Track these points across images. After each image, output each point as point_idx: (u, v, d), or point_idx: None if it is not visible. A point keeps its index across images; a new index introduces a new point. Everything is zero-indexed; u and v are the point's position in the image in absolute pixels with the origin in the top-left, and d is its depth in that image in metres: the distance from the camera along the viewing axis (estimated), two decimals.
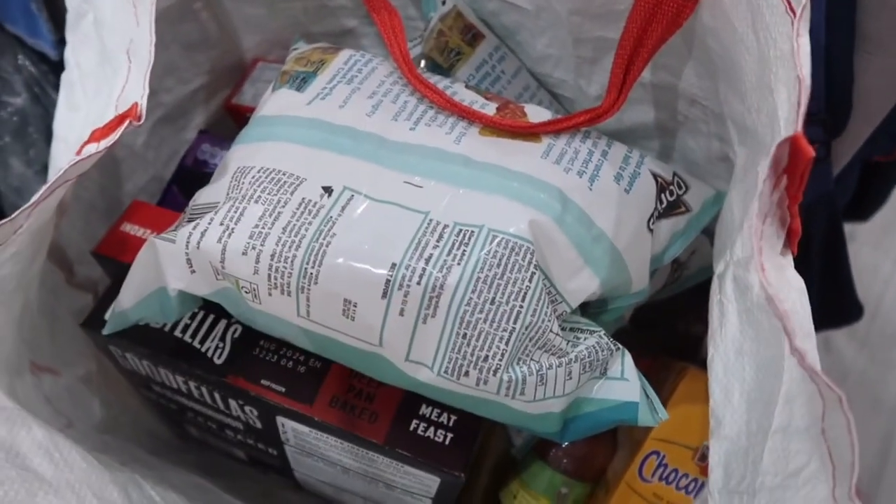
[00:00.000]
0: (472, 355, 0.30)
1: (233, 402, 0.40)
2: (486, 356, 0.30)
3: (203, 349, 0.39)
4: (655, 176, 0.36)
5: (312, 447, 0.40)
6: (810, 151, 0.23)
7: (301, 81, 0.38)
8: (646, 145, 0.47)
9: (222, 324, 0.39)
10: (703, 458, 0.43)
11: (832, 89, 0.41)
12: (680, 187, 0.36)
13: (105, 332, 0.36)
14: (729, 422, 0.32)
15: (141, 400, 0.49)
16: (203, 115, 0.54)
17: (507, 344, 0.30)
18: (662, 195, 0.35)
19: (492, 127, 0.35)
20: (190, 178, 0.51)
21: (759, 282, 0.26)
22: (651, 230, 0.35)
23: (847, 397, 0.20)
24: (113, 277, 0.43)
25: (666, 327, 0.54)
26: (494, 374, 0.30)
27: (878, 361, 0.87)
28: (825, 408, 0.22)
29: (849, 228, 0.52)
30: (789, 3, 0.27)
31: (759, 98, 0.31)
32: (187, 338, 0.39)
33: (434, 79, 0.38)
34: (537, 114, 0.36)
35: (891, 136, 0.46)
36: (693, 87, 0.40)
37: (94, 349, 0.44)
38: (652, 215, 0.35)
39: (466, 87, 0.38)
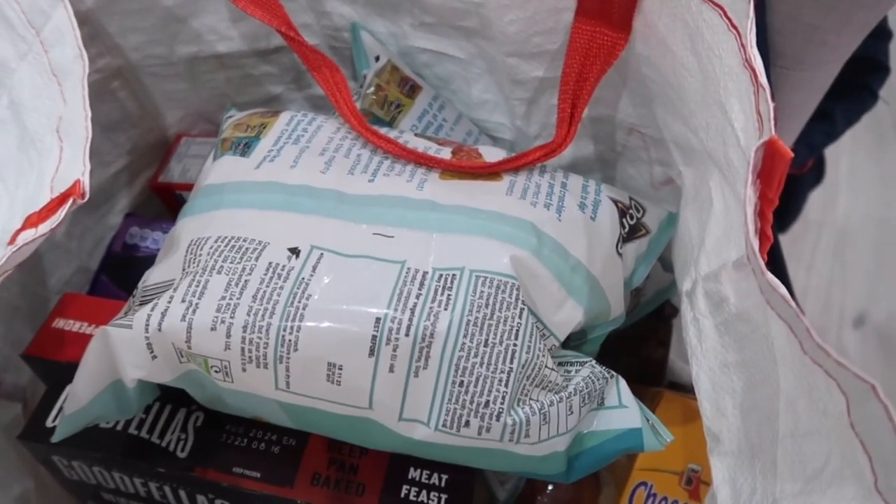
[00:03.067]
0: (471, 403, 0.28)
1: (201, 498, 0.36)
2: (487, 401, 0.28)
3: (163, 444, 0.35)
4: (615, 201, 0.36)
5: None
6: (788, 151, 0.24)
7: (244, 147, 0.36)
8: (588, 178, 0.48)
9: (182, 413, 0.36)
10: (689, 482, 0.42)
11: None
12: (638, 210, 0.37)
13: (55, 439, 0.32)
14: (727, 437, 0.32)
15: None
16: (127, 197, 0.51)
17: (506, 385, 0.29)
18: (624, 219, 0.36)
19: (451, 170, 0.35)
20: (120, 264, 0.48)
21: (758, 285, 0.27)
22: (620, 254, 0.35)
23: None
24: (50, 380, 0.38)
25: (628, 355, 0.54)
26: (497, 420, 0.29)
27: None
28: (850, 401, 0.22)
29: None
30: (731, 21, 0.29)
31: (707, 116, 0.32)
32: (144, 434, 0.35)
33: (382, 130, 0.37)
34: (492, 153, 0.36)
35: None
36: (630, 116, 0.41)
37: (32, 464, 0.39)
38: (619, 239, 0.35)
39: (416, 135, 0.38)
